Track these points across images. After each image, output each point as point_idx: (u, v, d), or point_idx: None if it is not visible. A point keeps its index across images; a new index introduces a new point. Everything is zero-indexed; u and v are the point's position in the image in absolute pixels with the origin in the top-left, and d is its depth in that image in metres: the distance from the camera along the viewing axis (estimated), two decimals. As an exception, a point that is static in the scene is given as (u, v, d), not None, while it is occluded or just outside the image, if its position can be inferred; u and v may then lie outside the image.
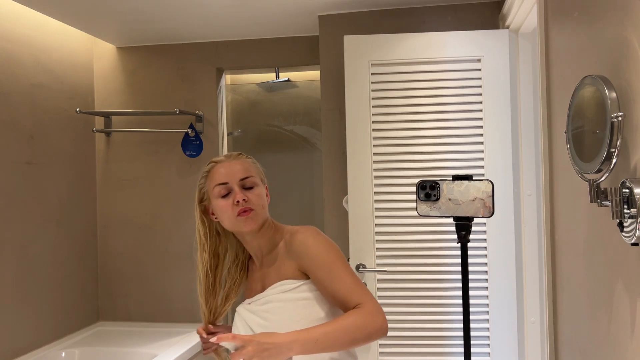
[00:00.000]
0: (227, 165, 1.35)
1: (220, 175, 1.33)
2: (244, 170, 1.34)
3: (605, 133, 0.94)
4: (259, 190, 1.34)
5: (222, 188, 1.32)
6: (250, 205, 1.30)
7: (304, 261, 1.28)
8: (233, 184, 1.32)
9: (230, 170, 1.33)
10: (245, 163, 1.36)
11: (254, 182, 1.34)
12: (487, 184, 1.29)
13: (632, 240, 0.88)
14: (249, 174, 1.34)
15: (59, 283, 2.55)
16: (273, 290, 1.31)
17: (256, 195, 1.33)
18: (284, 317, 1.27)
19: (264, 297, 1.32)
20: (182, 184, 2.85)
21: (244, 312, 1.35)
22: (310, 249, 1.28)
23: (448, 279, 2.21)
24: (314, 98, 2.96)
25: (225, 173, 1.33)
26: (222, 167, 1.35)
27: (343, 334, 1.16)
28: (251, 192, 1.32)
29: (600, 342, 1.18)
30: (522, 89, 2.20)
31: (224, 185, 1.32)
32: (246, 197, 1.30)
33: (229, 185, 1.32)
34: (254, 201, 1.31)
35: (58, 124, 2.59)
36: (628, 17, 0.99)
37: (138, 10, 2.36)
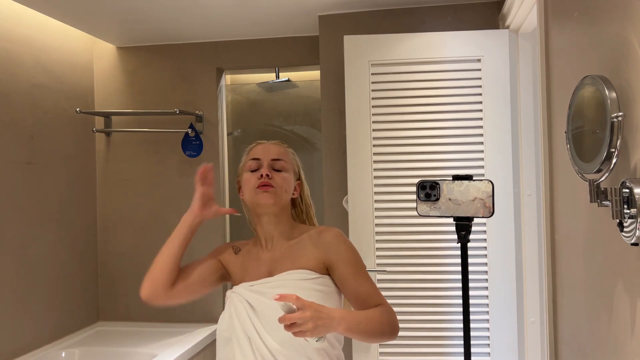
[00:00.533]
0: (266, 145, 1.44)
1: (256, 152, 1.43)
2: (279, 153, 1.42)
3: (605, 133, 0.94)
4: (287, 175, 1.41)
5: (253, 162, 1.40)
6: (272, 183, 1.36)
7: (335, 255, 1.35)
8: (264, 161, 1.39)
9: (267, 149, 1.42)
10: (283, 149, 1.45)
11: (284, 167, 1.41)
12: (487, 184, 1.29)
13: (632, 240, 0.88)
14: (282, 157, 1.41)
15: (59, 283, 2.55)
16: (289, 275, 1.34)
17: (282, 177, 1.39)
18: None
19: (276, 281, 1.34)
20: (182, 184, 2.85)
21: (245, 292, 1.35)
22: (342, 245, 1.37)
23: (448, 279, 2.21)
24: (314, 98, 2.96)
25: (261, 150, 1.42)
26: (261, 146, 1.45)
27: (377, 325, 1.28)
28: (278, 174, 1.39)
29: (600, 342, 1.18)
30: (522, 89, 2.20)
31: (256, 161, 1.40)
32: (271, 175, 1.37)
33: (261, 161, 1.40)
34: (277, 181, 1.37)
35: (58, 124, 2.59)
36: (628, 17, 0.99)
37: (138, 10, 2.36)
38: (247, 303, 1.33)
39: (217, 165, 2.84)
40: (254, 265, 1.42)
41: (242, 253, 1.47)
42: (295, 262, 1.37)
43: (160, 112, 2.78)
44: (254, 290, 1.35)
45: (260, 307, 1.32)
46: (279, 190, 1.37)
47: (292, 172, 1.43)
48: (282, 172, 1.40)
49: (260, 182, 1.35)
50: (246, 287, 1.37)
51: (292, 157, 1.46)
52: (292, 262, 1.37)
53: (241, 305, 1.33)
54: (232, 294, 1.38)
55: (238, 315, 1.33)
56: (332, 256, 1.36)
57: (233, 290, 1.39)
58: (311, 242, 1.39)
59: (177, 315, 2.80)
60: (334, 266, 1.36)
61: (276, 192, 1.36)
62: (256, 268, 1.41)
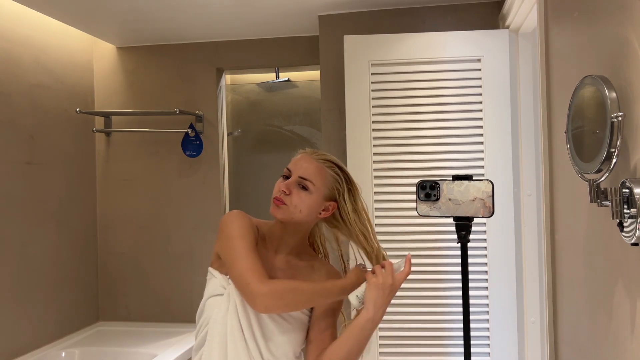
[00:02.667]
0: (304, 158, 1.38)
1: (293, 161, 1.39)
2: (310, 173, 1.35)
3: (605, 133, 0.94)
4: (307, 197, 1.33)
5: (286, 172, 1.38)
6: (286, 200, 1.33)
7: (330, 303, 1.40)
8: (292, 175, 1.36)
9: (301, 163, 1.37)
10: (319, 169, 1.36)
11: (309, 188, 1.34)
12: (487, 184, 1.29)
13: (632, 240, 0.88)
14: (310, 178, 1.34)
15: (59, 283, 2.55)
16: None
17: (300, 197, 1.33)
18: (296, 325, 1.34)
19: None
20: (182, 184, 2.85)
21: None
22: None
23: (448, 279, 2.21)
24: (314, 98, 2.96)
25: (296, 162, 1.38)
26: (301, 157, 1.40)
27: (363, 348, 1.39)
28: (298, 193, 1.34)
29: (600, 342, 1.18)
30: (522, 89, 2.20)
31: (288, 171, 1.38)
32: (288, 191, 1.33)
33: (290, 173, 1.37)
34: (293, 199, 1.33)
35: (58, 124, 2.59)
36: (628, 17, 0.99)
37: (138, 10, 2.36)
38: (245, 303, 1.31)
39: (217, 165, 2.84)
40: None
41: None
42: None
43: (160, 112, 2.78)
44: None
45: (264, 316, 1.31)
46: (291, 209, 1.33)
47: (320, 193, 1.35)
48: (306, 191, 1.34)
49: (277, 195, 1.35)
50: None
51: (329, 178, 1.36)
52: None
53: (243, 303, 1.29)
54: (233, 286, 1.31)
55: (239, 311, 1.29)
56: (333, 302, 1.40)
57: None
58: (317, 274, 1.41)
59: (177, 315, 2.80)
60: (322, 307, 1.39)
61: (287, 210, 1.33)
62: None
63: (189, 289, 2.82)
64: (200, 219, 2.83)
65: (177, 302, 2.84)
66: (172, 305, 2.84)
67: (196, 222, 2.84)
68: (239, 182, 3.12)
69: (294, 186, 1.34)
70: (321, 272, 1.42)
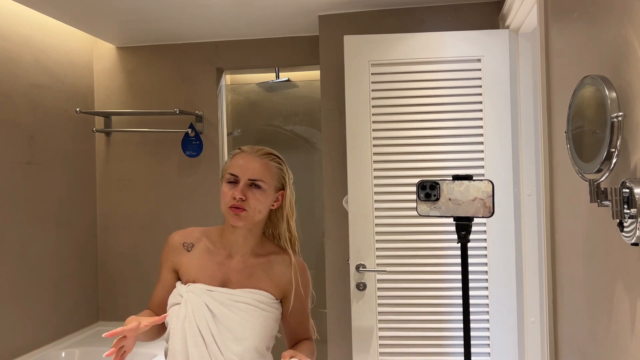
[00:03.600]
0: (247, 160, 1.37)
1: (235, 165, 1.37)
2: (258, 172, 1.36)
3: (605, 133, 0.94)
4: (263, 196, 1.36)
5: (231, 177, 1.36)
6: (245, 206, 1.34)
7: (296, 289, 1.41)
8: (241, 179, 1.35)
9: (246, 165, 1.36)
10: (265, 165, 1.38)
11: (262, 186, 1.36)
12: (487, 184, 1.29)
13: (632, 240, 0.88)
14: (261, 177, 1.36)
15: (59, 283, 2.55)
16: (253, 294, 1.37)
17: (257, 199, 1.35)
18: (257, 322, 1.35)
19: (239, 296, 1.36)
20: (182, 184, 2.85)
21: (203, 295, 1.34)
22: (304, 283, 1.45)
23: (448, 279, 2.21)
24: (314, 98, 2.96)
25: (240, 166, 1.36)
26: (242, 158, 1.38)
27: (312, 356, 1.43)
28: (253, 194, 1.35)
29: (600, 342, 1.18)
30: (522, 89, 2.20)
31: (234, 176, 1.36)
32: (245, 196, 1.33)
33: (238, 178, 1.36)
34: (251, 204, 1.34)
35: (58, 124, 2.59)
36: (628, 17, 0.99)
37: (138, 10, 2.36)
38: (206, 307, 1.33)
39: (217, 165, 2.84)
40: (211, 268, 1.40)
41: (196, 250, 1.44)
42: (258, 281, 1.39)
43: (160, 112, 2.78)
44: (214, 297, 1.34)
45: (221, 316, 1.32)
46: (252, 212, 1.35)
47: (271, 188, 1.39)
48: (259, 190, 1.36)
49: (232, 203, 1.33)
50: (204, 290, 1.36)
51: (275, 171, 1.40)
52: (255, 281, 1.39)
53: (199, 309, 1.32)
54: (189, 294, 1.35)
55: (196, 317, 1.32)
56: (292, 289, 1.41)
57: (190, 290, 1.35)
58: (279, 268, 1.42)
59: (177, 315, 2.80)
60: (289, 297, 1.42)
61: (248, 215, 1.34)
62: (214, 272, 1.40)
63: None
64: (200, 219, 2.83)
65: (177, 302, 2.84)
66: (172, 305, 2.84)
67: (196, 222, 2.84)
68: (239, 182, 3.11)
69: (247, 189, 1.34)
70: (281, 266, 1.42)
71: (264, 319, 1.36)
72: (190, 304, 1.34)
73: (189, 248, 1.45)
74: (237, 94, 3.14)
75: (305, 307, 1.47)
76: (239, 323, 1.33)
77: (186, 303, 1.34)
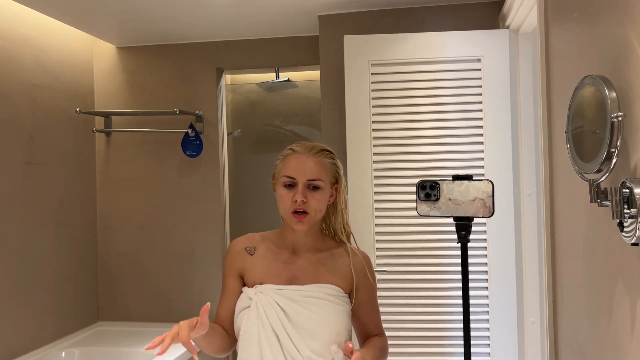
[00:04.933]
0: (301, 160, 1.34)
1: (290, 167, 1.34)
2: (315, 172, 1.33)
3: (605, 133, 0.94)
4: (322, 195, 1.35)
5: (288, 180, 1.34)
6: (307, 208, 1.32)
7: (362, 281, 1.40)
8: (299, 182, 1.33)
9: (302, 166, 1.33)
10: (320, 163, 1.35)
11: (320, 185, 1.34)
12: (487, 184, 1.29)
13: (632, 240, 0.88)
14: (318, 177, 1.33)
15: (59, 283, 2.55)
16: (321, 288, 1.35)
17: (317, 199, 1.33)
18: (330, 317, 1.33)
19: (310, 291, 1.34)
20: (182, 184, 2.85)
21: (274, 295, 1.33)
22: (373, 274, 1.44)
23: (448, 279, 2.21)
24: (314, 98, 2.96)
25: (296, 167, 1.33)
26: (295, 159, 1.35)
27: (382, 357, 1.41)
28: (313, 195, 1.33)
29: (600, 342, 1.18)
30: (522, 89, 2.20)
31: (291, 179, 1.34)
32: (306, 199, 1.32)
33: (295, 180, 1.33)
34: (312, 205, 1.33)
35: (58, 124, 2.59)
36: (628, 17, 0.99)
37: (138, 10, 2.36)
38: (278, 306, 1.32)
39: (217, 165, 2.84)
40: (277, 268, 1.39)
41: (259, 253, 1.42)
42: (325, 276, 1.37)
43: (160, 112, 2.78)
44: (284, 295, 1.33)
45: (293, 313, 1.31)
46: (313, 214, 1.33)
47: (328, 185, 1.37)
48: (318, 190, 1.33)
49: (295, 207, 1.31)
50: (273, 289, 1.34)
51: (329, 167, 1.37)
52: (322, 275, 1.37)
53: (271, 308, 1.31)
54: (259, 294, 1.33)
55: (269, 316, 1.31)
56: (360, 281, 1.40)
57: (259, 290, 1.34)
58: (342, 261, 1.40)
59: (177, 315, 2.80)
60: (360, 290, 1.40)
61: (311, 218, 1.33)
62: (280, 271, 1.39)
63: (189, 288, 2.83)
64: (200, 219, 2.83)
65: (177, 302, 2.84)
66: (172, 305, 2.84)
67: (196, 222, 2.84)
68: (239, 182, 3.12)
69: (307, 191, 1.33)
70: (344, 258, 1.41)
71: (337, 313, 1.34)
72: (260, 304, 1.32)
73: (251, 252, 1.43)
74: (237, 94, 3.14)
75: (373, 300, 1.44)
76: (312, 318, 1.31)
77: (257, 304, 1.32)
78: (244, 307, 1.35)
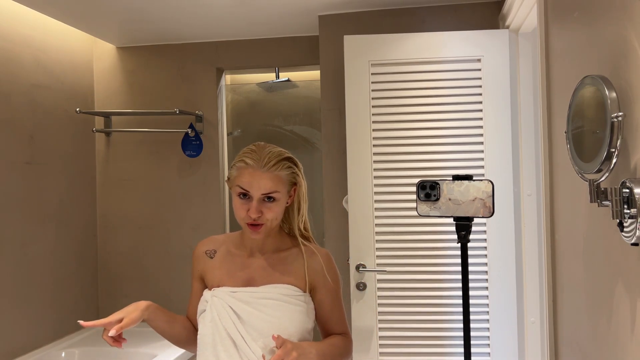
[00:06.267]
0: (255, 176, 1.31)
1: (244, 182, 1.31)
2: (270, 186, 1.31)
3: (605, 133, 0.94)
4: (278, 206, 1.34)
5: (242, 191, 1.32)
6: (262, 221, 1.32)
7: (322, 279, 1.40)
8: (253, 196, 1.31)
9: (256, 182, 1.30)
10: (275, 178, 1.32)
11: (276, 197, 1.33)
12: (487, 184, 1.29)
13: (632, 240, 0.88)
14: (274, 190, 1.31)
15: (59, 283, 2.55)
16: (275, 289, 1.36)
17: (273, 211, 1.33)
18: (284, 317, 1.33)
19: (262, 292, 1.35)
20: (182, 184, 2.85)
21: (227, 298, 1.35)
22: (330, 272, 1.42)
23: (448, 279, 2.21)
24: (314, 98, 2.96)
25: (249, 183, 1.31)
26: (249, 174, 1.31)
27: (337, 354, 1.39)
28: (269, 207, 1.32)
29: (600, 342, 1.18)
30: (522, 89, 2.20)
31: (245, 191, 1.32)
32: (261, 213, 1.31)
33: (249, 193, 1.32)
34: (268, 216, 1.32)
35: (58, 124, 2.59)
36: (628, 17, 0.99)
37: (138, 10, 2.36)
38: (231, 309, 1.33)
39: (217, 165, 2.84)
40: (235, 270, 1.41)
41: (219, 255, 1.44)
42: (281, 276, 1.38)
43: (160, 112, 2.78)
44: (238, 298, 1.35)
45: (245, 316, 1.32)
46: (269, 224, 1.33)
47: (284, 193, 1.35)
48: (273, 202, 1.32)
49: (250, 220, 1.31)
50: (227, 292, 1.36)
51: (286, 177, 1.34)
52: (278, 276, 1.38)
53: (224, 311, 1.33)
54: (213, 298, 1.36)
55: (222, 320, 1.33)
56: (319, 280, 1.40)
57: (214, 294, 1.37)
58: (300, 260, 1.40)
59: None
60: (318, 289, 1.40)
61: (267, 228, 1.33)
62: (237, 273, 1.40)
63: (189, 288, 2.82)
64: (200, 219, 2.83)
65: (177, 302, 2.83)
66: (172, 305, 2.82)
67: (196, 222, 2.84)
68: (239, 182, 3.11)
69: (261, 205, 1.31)
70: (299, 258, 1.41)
71: (292, 313, 1.34)
72: (215, 308, 1.34)
73: (211, 255, 1.46)
74: (237, 94, 3.14)
75: (334, 300, 1.42)
76: (265, 320, 1.32)
77: (211, 308, 1.35)
78: (202, 310, 1.38)
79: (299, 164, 1.41)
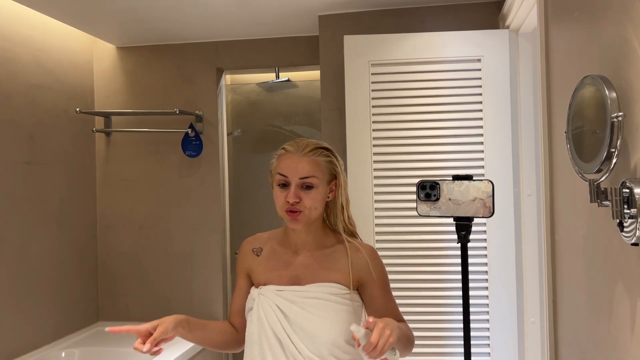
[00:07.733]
0: (294, 160, 1.33)
1: (283, 167, 1.34)
2: (307, 170, 1.32)
3: (605, 133, 0.94)
4: (316, 193, 1.34)
5: (282, 178, 1.34)
6: (300, 207, 1.32)
7: (369, 275, 1.38)
8: (292, 181, 1.32)
9: (294, 166, 1.33)
10: (313, 162, 1.34)
11: (314, 183, 1.33)
12: (487, 184, 1.29)
13: (632, 240, 0.88)
14: (311, 174, 1.33)
15: (59, 283, 2.55)
16: (322, 288, 1.35)
17: (311, 198, 1.33)
18: (330, 316, 1.32)
19: (309, 292, 1.34)
20: (182, 184, 2.85)
21: (274, 297, 1.34)
22: (377, 267, 1.40)
23: (448, 279, 2.21)
24: (314, 98, 2.96)
25: (288, 167, 1.33)
26: (288, 158, 1.34)
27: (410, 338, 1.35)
28: (307, 194, 1.33)
29: (600, 342, 1.18)
30: (522, 89, 2.20)
31: (284, 178, 1.33)
32: (299, 199, 1.31)
33: (288, 179, 1.33)
34: (306, 204, 1.32)
35: (58, 124, 2.59)
36: (628, 17, 0.99)
37: (138, 10, 2.36)
38: (277, 308, 1.33)
39: (217, 165, 2.84)
40: (280, 268, 1.40)
41: (265, 253, 1.44)
42: (327, 274, 1.37)
43: (160, 112, 2.78)
44: (284, 297, 1.34)
45: (292, 315, 1.32)
46: (308, 212, 1.33)
47: (324, 182, 1.35)
48: (312, 189, 1.33)
49: (288, 207, 1.32)
50: (274, 291, 1.36)
51: (324, 165, 1.36)
52: (324, 273, 1.37)
53: (271, 310, 1.33)
54: (260, 297, 1.36)
55: (269, 319, 1.33)
56: (366, 276, 1.38)
57: (261, 292, 1.37)
58: (345, 257, 1.38)
59: (177, 315, 2.80)
60: (366, 285, 1.38)
61: (305, 216, 1.33)
62: (282, 271, 1.40)
63: (189, 288, 2.83)
64: (200, 219, 2.83)
65: (177, 302, 2.84)
66: (172, 305, 2.84)
67: (196, 222, 2.84)
68: (239, 182, 3.12)
69: (299, 191, 1.32)
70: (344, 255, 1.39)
71: (338, 312, 1.33)
72: (261, 306, 1.34)
73: (258, 252, 1.45)
74: (237, 94, 3.14)
75: (384, 293, 1.40)
76: (311, 320, 1.31)
77: (257, 307, 1.35)
78: (249, 308, 1.38)
79: (339, 158, 1.41)
